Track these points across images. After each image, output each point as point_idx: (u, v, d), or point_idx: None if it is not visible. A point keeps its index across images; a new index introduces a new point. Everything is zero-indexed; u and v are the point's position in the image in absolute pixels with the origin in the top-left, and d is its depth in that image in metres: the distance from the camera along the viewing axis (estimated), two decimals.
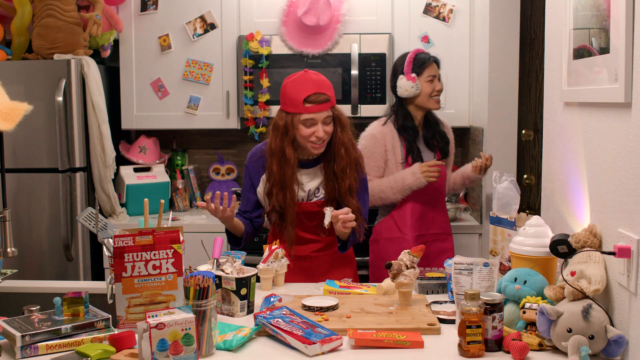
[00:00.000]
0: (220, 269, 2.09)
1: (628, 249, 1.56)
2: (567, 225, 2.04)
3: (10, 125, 1.78)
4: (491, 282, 1.92)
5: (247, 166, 2.60)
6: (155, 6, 3.76)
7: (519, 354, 1.64)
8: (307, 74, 2.44)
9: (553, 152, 2.21)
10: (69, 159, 3.40)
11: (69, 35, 3.49)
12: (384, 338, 1.74)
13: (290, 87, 2.43)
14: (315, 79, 2.42)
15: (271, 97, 3.68)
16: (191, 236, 2.91)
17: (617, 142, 1.66)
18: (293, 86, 2.42)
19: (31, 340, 1.73)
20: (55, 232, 3.42)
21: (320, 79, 2.44)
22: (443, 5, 3.66)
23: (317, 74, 2.46)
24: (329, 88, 2.44)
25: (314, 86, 2.40)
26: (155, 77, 3.79)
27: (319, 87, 2.41)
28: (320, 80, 2.43)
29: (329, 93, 2.42)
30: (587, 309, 1.60)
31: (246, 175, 2.60)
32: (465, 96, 3.67)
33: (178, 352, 1.58)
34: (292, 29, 3.66)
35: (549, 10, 2.25)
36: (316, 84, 2.41)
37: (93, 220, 2.05)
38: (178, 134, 4.13)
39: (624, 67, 1.57)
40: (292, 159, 2.44)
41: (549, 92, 2.26)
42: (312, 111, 2.39)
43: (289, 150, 2.44)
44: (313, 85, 2.40)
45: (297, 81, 2.42)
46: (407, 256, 2.09)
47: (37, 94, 3.35)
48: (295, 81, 2.43)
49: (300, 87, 2.40)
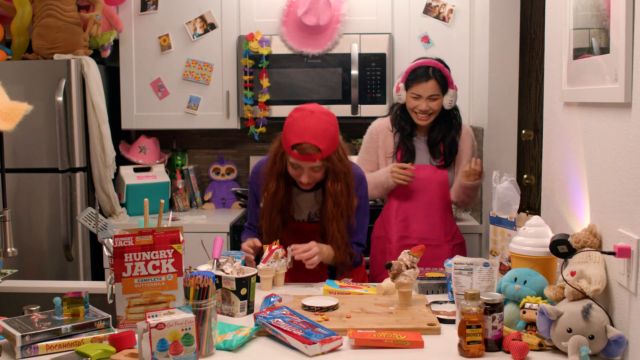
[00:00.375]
0: (220, 269, 2.09)
1: (628, 249, 1.56)
2: (567, 225, 2.04)
3: (10, 125, 1.79)
4: (491, 282, 1.92)
5: (249, 182, 2.60)
6: (155, 6, 3.76)
7: (519, 354, 1.64)
8: (309, 118, 2.31)
9: (553, 152, 2.21)
10: (69, 159, 3.40)
11: (69, 35, 3.49)
12: (384, 338, 1.73)
13: (289, 125, 2.34)
14: (313, 126, 2.29)
15: (271, 97, 3.68)
16: (191, 236, 2.91)
17: (617, 142, 1.66)
18: (291, 125, 2.33)
19: (31, 340, 1.73)
20: (55, 232, 3.42)
21: (320, 127, 2.30)
22: (443, 5, 3.66)
23: (320, 119, 2.31)
24: (325, 139, 2.30)
25: (307, 135, 2.28)
26: (155, 77, 3.79)
27: (312, 137, 2.28)
28: (318, 129, 2.30)
29: (322, 145, 2.29)
30: (587, 309, 1.60)
31: (250, 191, 2.59)
32: (465, 96, 3.67)
33: (178, 352, 1.58)
34: (292, 29, 3.66)
35: (549, 10, 2.25)
36: (311, 133, 2.28)
37: (93, 220, 2.05)
38: (178, 134, 4.13)
39: (624, 67, 1.57)
40: (274, 190, 2.42)
41: (549, 92, 2.26)
42: (298, 159, 2.33)
43: (272, 182, 2.42)
44: (307, 134, 2.28)
45: (296, 122, 2.32)
46: (407, 256, 2.09)
47: (37, 94, 3.35)
48: (295, 120, 2.33)
49: (294, 131, 2.31)
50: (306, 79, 3.66)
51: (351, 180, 2.43)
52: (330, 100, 3.65)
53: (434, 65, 2.91)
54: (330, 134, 2.33)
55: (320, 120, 2.32)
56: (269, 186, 2.44)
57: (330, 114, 2.38)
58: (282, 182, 2.42)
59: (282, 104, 3.69)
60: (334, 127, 2.35)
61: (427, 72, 2.89)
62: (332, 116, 2.37)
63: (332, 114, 2.38)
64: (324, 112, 2.36)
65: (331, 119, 2.36)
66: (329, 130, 2.33)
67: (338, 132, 2.39)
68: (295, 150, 2.32)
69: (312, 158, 2.31)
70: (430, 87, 2.88)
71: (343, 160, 2.40)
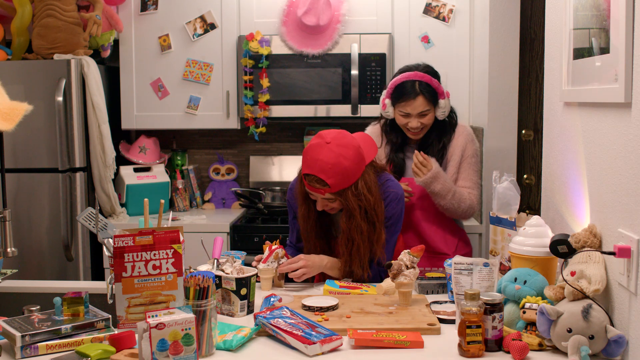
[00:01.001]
0: (220, 269, 2.09)
1: (628, 249, 1.56)
2: (567, 225, 2.04)
3: (10, 125, 1.79)
4: (491, 282, 1.92)
5: (287, 200, 2.54)
6: (155, 6, 3.76)
7: (519, 354, 1.64)
8: (322, 149, 2.22)
9: (553, 152, 2.21)
10: (69, 159, 3.40)
11: (69, 35, 3.49)
12: (384, 338, 1.73)
13: (305, 151, 2.27)
14: (323, 159, 2.20)
15: (271, 97, 3.68)
16: (191, 236, 2.91)
17: (617, 142, 1.66)
18: (306, 152, 2.26)
19: (31, 340, 1.73)
20: (55, 232, 3.42)
21: (330, 161, 2.20)
22: (443, 5, 3.66)
23: (332, 152, 2.20)
24: (334, 173, 2.20)
25: (316, 167, 2.21)
26: (155, 77, 3.80)
27: (320, 170, 2.20)
28: (328, 162, 2.20)
29: (330, 180, 2.20)
30: (587, 309, 1.60)
31: (289, 207, 2.54)
32: (465, 96, 3.67)
33: (178, 352, 1.58)
34: (292, 29, 3.66)
35: (549, 10, 2.25)
36: (320, 166, 2.20)
37: (93, 220, 2.05)
38: (178, 134, 4.13)
39: (624, 67, 1.57)
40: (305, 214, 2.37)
41: (549, 92, 2.26)
42: (307, 188, 2.29)
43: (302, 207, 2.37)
44: (316, 166, 2.21)
45: (310, 150, 2.25)
46: (407, 256, 2.09)
47: (37, 94, 3.35)
48: (310, 148, 2.25)
49: (306, 159, 2.25)
50: (306, 79, 3.66)
51: (376, 213, 2.28)
52: (330, 100, 3.65)
53: (420, 78, 2.68)
54: (342, 168, 2.20)
55: (333, 153, 2.20)
56: (300, 210, 2.39)
57: (349, 146, 2.24)
58: (312, 205, 2.36)
59: (282, 104, 3.69)
60: (348, 161, 2.21)
61: (414, 88, 2.67)
62: (350, 148, 2.23)
63: (351, 146, 2.25)
64: (342, 144, 2.23)
65: (347, 152, 2.22)
66: (341, 165, 2.20)
67: (357, 165, 2.24)
68: (306, 180, 2.27)
69: (320, 191, 2.25)
70: (419, 104, 2.68)
71: (362, 195, 2.25)
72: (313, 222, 2.38)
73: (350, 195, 2.24)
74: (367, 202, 2.26)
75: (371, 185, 2.29)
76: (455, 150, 2.78)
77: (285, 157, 4.07)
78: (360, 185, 2.25)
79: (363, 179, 2.27)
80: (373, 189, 2.29)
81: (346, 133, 2.30)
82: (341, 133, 2.28)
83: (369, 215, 2.27)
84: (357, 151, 2.26)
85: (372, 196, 2.27)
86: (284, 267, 2.29)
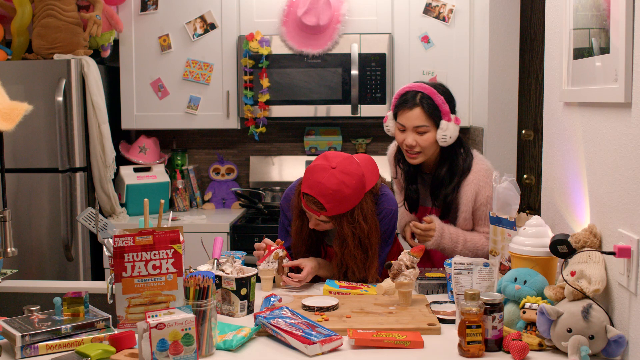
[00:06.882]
0: (220, 269, 2.09)
1: (628, 249, 1.56)
2: (567, 225, 2.04)
3: (10, 125, 1.79)
4: (491, 282, 1.92)
5: (281, 204, 2.53)
6: (155, 6, 3.76)
7: (519, 354, 1.64)
8: (325, 173, 2.19)
9: (553, 152, 2.21)
10: (69, 159, 3.40)
11: (69, 35, 3.49)
12: (384, 338, 1.73)
13: (308, 170, 2.25)
14: (325, 183, 2.18)
15: (271, 97, 3.68)
16: (191, 236, 2.91)
17: (617, 142, 1.66)
18: (309, 171, 2.24)
19: (31, 340, 1.73)
20: (55, 232, 3.42)
21: (332, 187, 2.17)
22: (443, 5, 3.66)
23: (335, 178, 2.17)
24: (333, 199, 2.18)
25: (316, 190, 2.19)
26: (155, 77, 3.80)
27: (320, 193, 2.18)
28: (329, 188, 2.17)
29: (328, 205, 2.18)
30: (587, 309, 1.60)
31: (281, 211, 2.54)
32: (465, 96, 3.67)
33: (178, 352, 1.58)
34: (292, 29, 3.66)
35: (549, 10, 2.25)
36: (320, 189, 2.18)
37: (93, 220, 2.05)
38: (178, 134, 4.13)
39: (624, 67, 1.57)
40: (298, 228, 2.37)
41: (549, 92, 2.26)
42: (304, 206, 2.28)
43: (296, 221, 2.37)
44: (316, 189, 2.19)
45: (312, 171, 2.23)
46: (407, 256, 2.09)
47: (37, 94, 3.35)
48: (313, 168, 2.23)
49: (308, 179, 2.23)
50: (306, 79, 3.66)
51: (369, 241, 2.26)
52: (330, 100, 3.65)
53: (424, 90, 2.38)
54: (342, 196, 2.18)
55: (336, 179, 2.18)
56: (294, 223, 2.39)
57: (353, 175, 2.20)
58: (306, 221, 2.35)
59: (282, 104, 3.69)
60: (349, 190, 2.18)
61: (414, 99, 2.38)
62: (354, 177, 2.20)
63: (355, 175, 2.21)
64: (347, 171, 2.20)
65: (350, 181, 2.19)
66: (341, 192, 2.18)
67: (357, 193, 2.21)
68: (304, 198, 2.26)
69: (316, 213, 2.24)
70: (415, 116, 2.37)
71: (357, 223, 2.23)
72: (305, 236, 2.40)
73: (345, 222, 2.24)
74: (361, 231, 2.24)
75: (367, 213, 2.26)
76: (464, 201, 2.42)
77: (285, 157, 4.07)
78: (356, 213, 2.24)
79: (360, 207, 2.25)
80: (369, 217, 2.26)
81: (353, 160, 2.26)
82: (348, 159, 2.24)
83: (363, 243, 2.26)
84: (360, 179, 2.23)
85: (367, 225, 2.25)
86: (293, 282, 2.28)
